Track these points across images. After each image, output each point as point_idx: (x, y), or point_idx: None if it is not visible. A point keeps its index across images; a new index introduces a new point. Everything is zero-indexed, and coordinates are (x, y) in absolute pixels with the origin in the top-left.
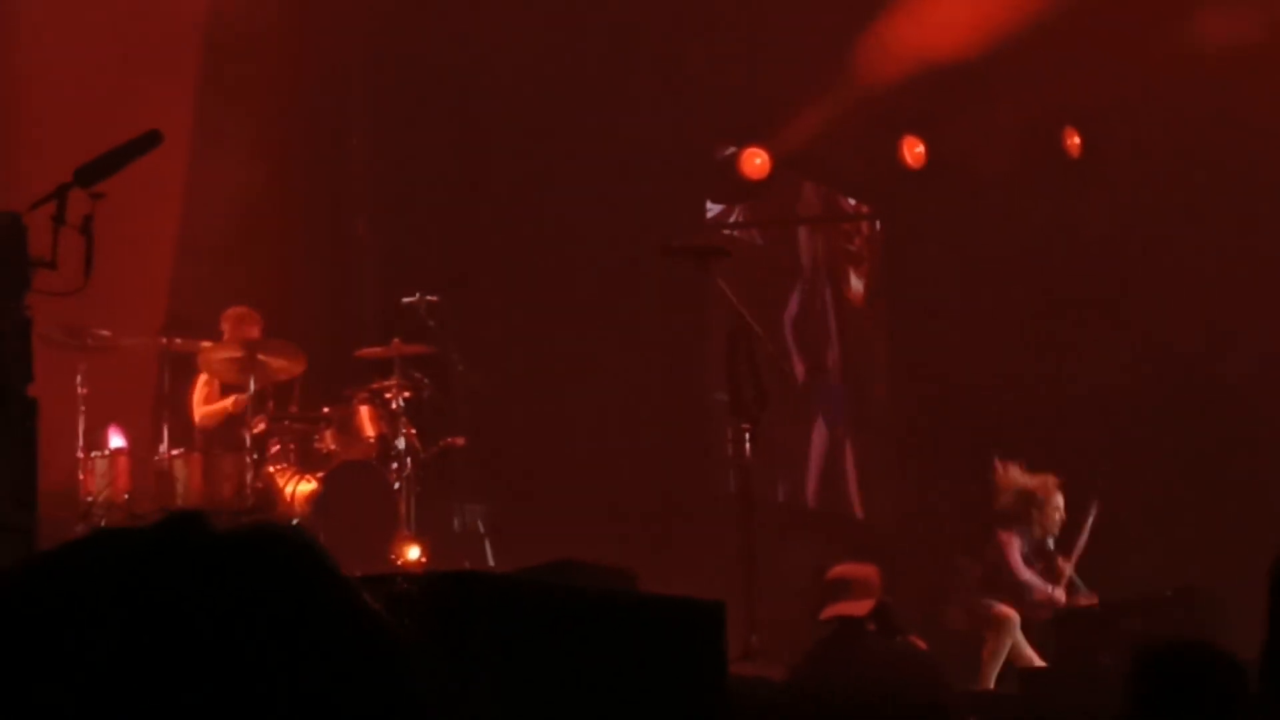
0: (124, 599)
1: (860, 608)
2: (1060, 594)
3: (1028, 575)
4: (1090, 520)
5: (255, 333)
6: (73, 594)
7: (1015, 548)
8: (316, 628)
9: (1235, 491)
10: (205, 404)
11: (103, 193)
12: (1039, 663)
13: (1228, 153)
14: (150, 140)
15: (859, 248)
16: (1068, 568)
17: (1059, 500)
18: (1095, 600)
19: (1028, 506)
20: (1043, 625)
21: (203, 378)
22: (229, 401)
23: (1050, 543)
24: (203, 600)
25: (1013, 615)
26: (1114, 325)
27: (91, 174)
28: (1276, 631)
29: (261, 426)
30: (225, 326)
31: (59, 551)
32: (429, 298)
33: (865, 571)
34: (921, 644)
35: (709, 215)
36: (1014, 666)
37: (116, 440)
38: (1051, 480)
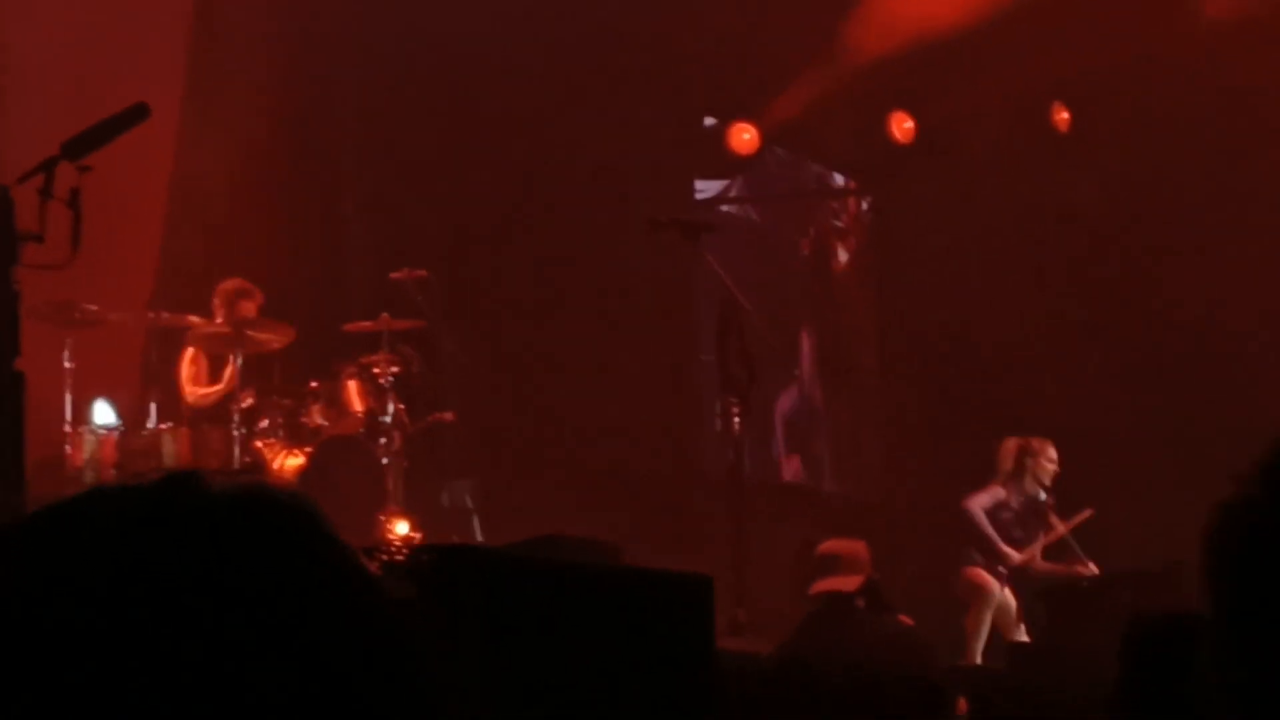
0: (121, 556)
1: (849, 583)
2: (1017, 557)
3: (993, 532)
4: (1080, 519)
5: (252, 309)
6: (69, 551)
7: (978, 505)
8: (314, 585)
9: (1228, 465)
10: (193, 383)
11: (90, 166)
12: (1023, 636)
13: (1217, 125)
14: (138, 114)
15: (847, 223)
16: (1061, 527)
17: (1052, 453)
18: (1094, 570)
19: (1022, 457)
20: (1032, 600)
21: (189, 354)
22: (221, 386)
23: (1044, 497)
24: (200, 558)
25: (989, 584)
26: (1104, 299)
27: (79, 147)
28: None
29: (249, 401)
30: (217, 303)
31: (55, 508)
32: (417, 273)
33: (855, 548)
34: (909, 621)
35: (697, 191)
36: (1002, 641)
37: (103, 414)
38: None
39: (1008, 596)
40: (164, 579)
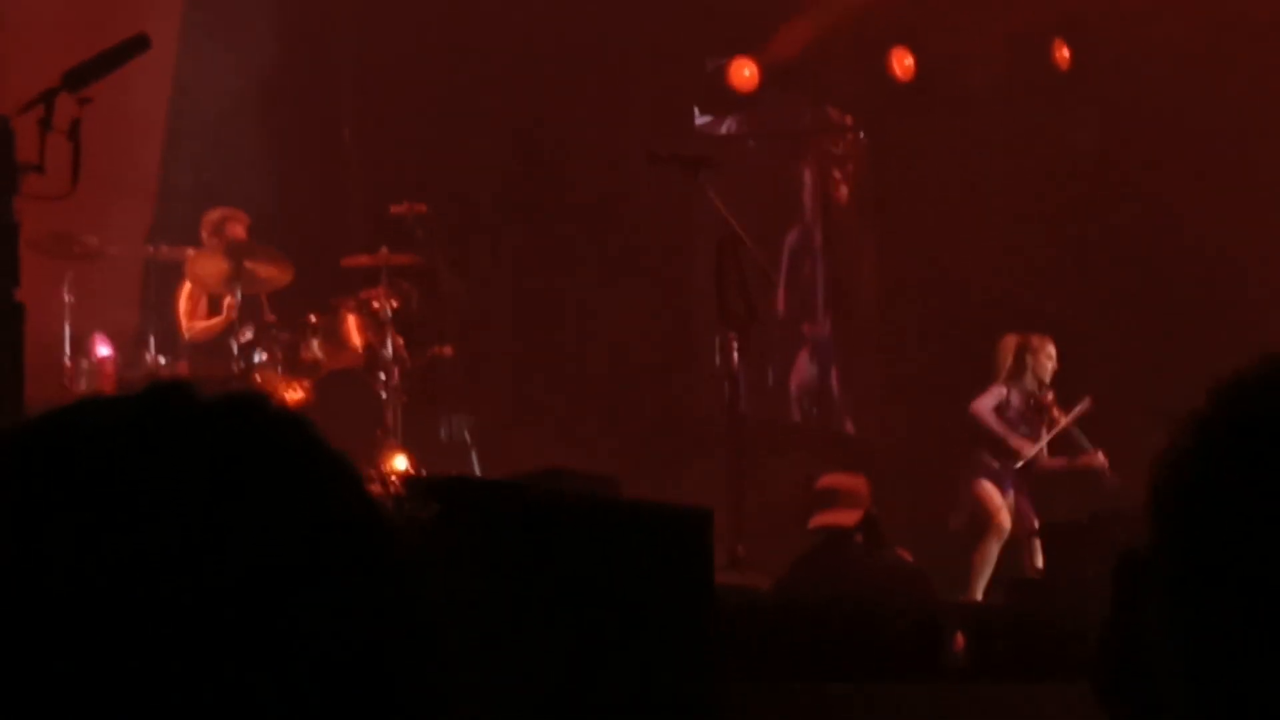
0: (108, 461)
1: (848, 518)
2: (1029, 449)
3: (1001, 427)
4: (1080, 411)
5: (240, 232)
6: (56, 457)
7: (985, 405)
8: (306, 488)
9: None
10: (191, 318)
11: (90, 97)
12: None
13: (1218, 63)
14: (138, 44)
15: (845, 158)
16: (1062, 419)
17: (1051, 349)
18: (1103, 460)
19: (1022, 354)
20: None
21: (187, 288)
22: (216, 321)
23: (1045, 393)
24: (189, 460)
25: (1003, 523)
26: (1105, 236)
27: (79, 78)
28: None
29: (248, 335)
30: (204, 234)
31: (44, 417)
32: (417, 207)
33: (854, 483)
34: (908, 556)
35: (698, 125)
36: (1006, 578)
37: (103, 348)
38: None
39: (1005, 520)
40: (151, 481)
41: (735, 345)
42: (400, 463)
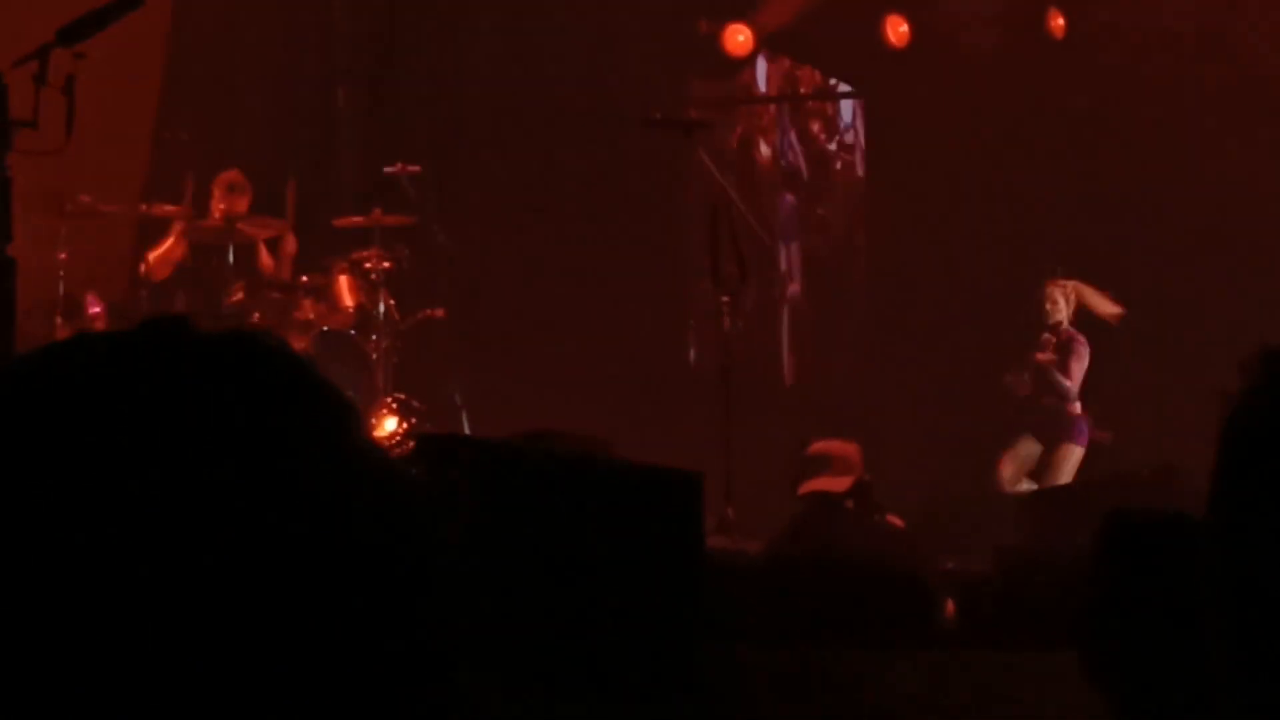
0: (104, 393)
1: (840, 484)
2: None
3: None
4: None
5: (242, 206)
6: (52, 390)
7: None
8: (304, 421)
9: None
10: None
11: (85, 53)
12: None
13: (1213, 31)
14: (132, 1)
15: (835, 123)
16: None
17: (1055, 293)
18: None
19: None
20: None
21: (169, 243)
22: (165, 246)
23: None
24: (185, 392)
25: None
26: (1100, 202)
27: (74, 34)
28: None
29: (240, 295)
30: (216, 191)
31: (39, 352)
32: (410, 168)
33: (846, 449)
34: (899, 522)
35: (692, 91)
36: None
37: (95, 307)
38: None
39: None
40: (150, 415)
41: (727, 306)
42: (391, 424)
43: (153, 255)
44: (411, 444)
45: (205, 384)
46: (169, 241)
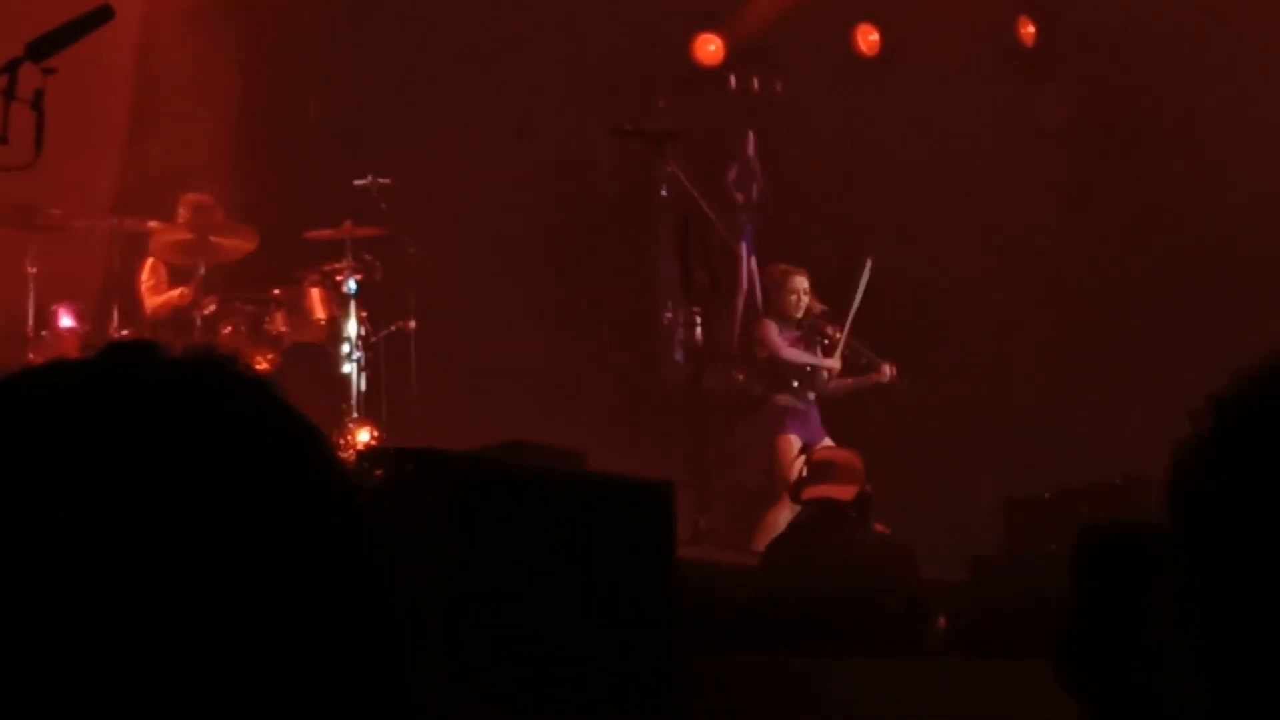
0: (69, 419)
1: (845, 492)
2: (834, 362)
3: (790, 352)
4: (864, 280)
5: (213, 225)
6: (16, 417)
7: (772, 329)
8: (267, 444)
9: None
10: (153, 294)
11: (55, 68)
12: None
13: (1184, 38)
14: (102, 15)
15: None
16: (839, 334)
17: (795, 283)
18: (893, 370)
19: (776, 291)
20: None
21: (150, 263)
22: (176, 294)
23: (824, 325)
24: (152, 420)
25: (792, 441)
26: (1068, 211)
27: (44, 48)
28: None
29: (212, 308)
30: (182, 210)
31: (10, 377)
32: (381, 180)
33: (850, 457)
34: (885, 530)
35: (661, 101)
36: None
37: (65, 320)
38: (790, 268)
39: None
40: (114, 441)
41: (698, 317)
42: (364, 436)
43: (155, 298)
44: (384, 457)
45: (166, 410)
46: (176, 293)
